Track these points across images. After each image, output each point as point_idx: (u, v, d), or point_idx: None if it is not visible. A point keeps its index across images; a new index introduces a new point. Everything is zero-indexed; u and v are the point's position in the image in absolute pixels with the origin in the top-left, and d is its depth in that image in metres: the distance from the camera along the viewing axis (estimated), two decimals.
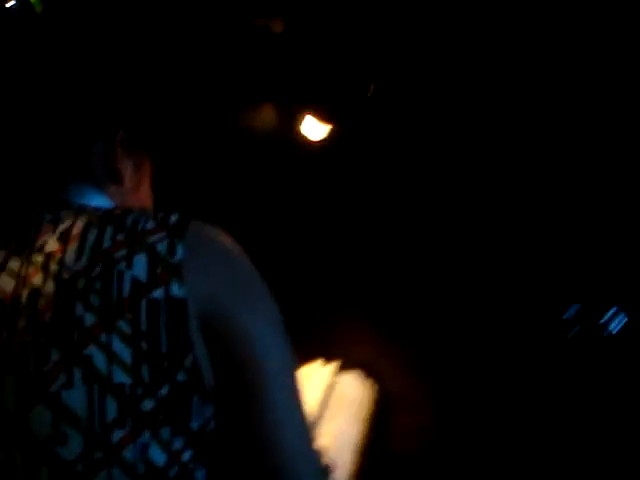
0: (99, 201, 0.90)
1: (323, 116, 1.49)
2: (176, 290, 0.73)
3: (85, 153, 0.90)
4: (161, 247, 0.75)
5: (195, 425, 0.73)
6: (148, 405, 0.70)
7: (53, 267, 0.74)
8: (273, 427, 0.76)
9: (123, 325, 0.70)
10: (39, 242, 0.77)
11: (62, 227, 0.78)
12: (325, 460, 1.31)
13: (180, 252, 0.75)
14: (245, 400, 0.76)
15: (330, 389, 1.38)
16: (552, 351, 1.32)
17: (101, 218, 0.79)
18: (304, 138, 1.52)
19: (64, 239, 0.76)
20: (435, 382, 1.38)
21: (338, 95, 1.49)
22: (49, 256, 0.75)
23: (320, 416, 1.35)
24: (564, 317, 1.30)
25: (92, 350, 0.70)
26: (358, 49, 1.48)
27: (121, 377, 0.70)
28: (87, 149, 0.91)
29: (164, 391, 0.71)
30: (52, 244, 0.76)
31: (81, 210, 0.81)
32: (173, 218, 0.79)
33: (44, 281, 0.73)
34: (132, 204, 0.97)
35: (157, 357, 0.71)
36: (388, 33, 1.44)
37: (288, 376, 0.80)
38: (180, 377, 0.71)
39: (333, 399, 1.37)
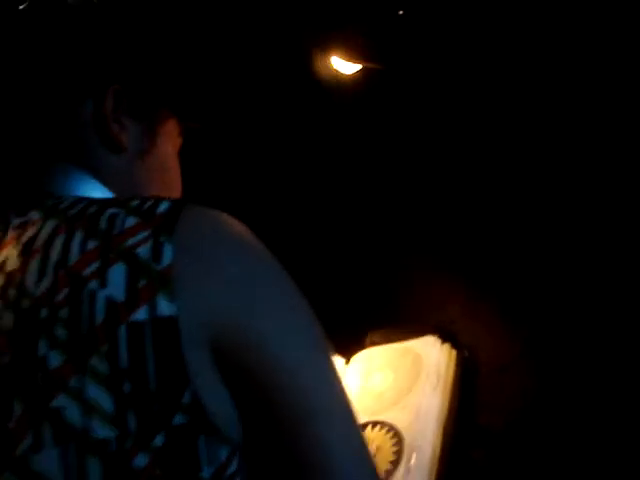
0: (86, 187, 0.72)
1: (349, 56, 1.28)
2: (164, 307, 0.57)
3: (66, 121, 0.74)
4: (143, 251, 0.58)
5: (207, 474, 0.57)
6: (141, 461, 0.54)
7: (12, 292, 0.59)
8: (317, 463, 0.59)
9: (97, 363, 0.55)
10: (1, 257, 0.62)
11: (27, 235, 0.63)
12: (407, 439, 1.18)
13: (168, 254, 0.58)
14: (278, 433, 0.59)
15: (404, 358, 1.21)
16: None
17: (71, 219, 0.62)
18: (336, 72, 1.32)
19: (27, 253, 0.61)
20: (526, 344, 1.17)
21: (362, 34, 1.28)
22: (9, 278, 0.60)
23: (395, 389, 1.19)
24: None
25: (62, 400, 0.55)
26: None
27: (102, 431, 0.54)
28: (69, 115, 0.74)
29: (159, 441, 0.55)
30: (13, 260, 0.61)
31: (54, 207, 0.65)
32: (162, 207, 0.61)
33: (2, 312, 0.59)
34: (145, 176, 0.79)
35: (145, 399, 0.55)
36: None
37: (329, 393, 0.62)
38: (178, 419, 0.56)
39: (409, 369, 1.19)
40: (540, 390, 1.11)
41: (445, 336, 1.18)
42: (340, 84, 1.34)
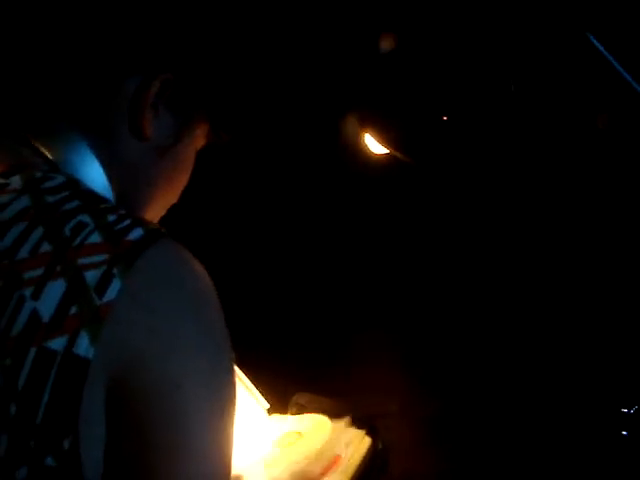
0: (86, 167, 0.66)
1: (382, 139, 1.33)
2: (83, 346, 0.52)
3: (103, 86, 0.67)
4: (91, 276, 0.53)
5: None
6: None
7: None
8: None
9: None
10: None
11: None
12: None
13: (114, 290, 0.53)
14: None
15: (319, 431, 1.16)
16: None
17: (42, 208, 0.57)
18: (367, 150, 1.38)
19: None
20: (448, 462, 1.12)
21: (402, 122, 1.34)
22: None
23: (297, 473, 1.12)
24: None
25: None
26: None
27: None
28: (109, 82, 0.67)
29: (21, 474, 0.51)
30: None
31: (36, 184, 0.59)
32: (133, 235, 0.56)
33: None
34: (155, 173, 0.73)
35: (25, 430, 0.51)
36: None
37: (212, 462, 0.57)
38: (49, 461, 0.51)
39: (320, 442, 1.13)
40: None
41: (364, 422, 1.13)
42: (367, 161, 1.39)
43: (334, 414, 1.17)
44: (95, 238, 0.55)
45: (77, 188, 0.60)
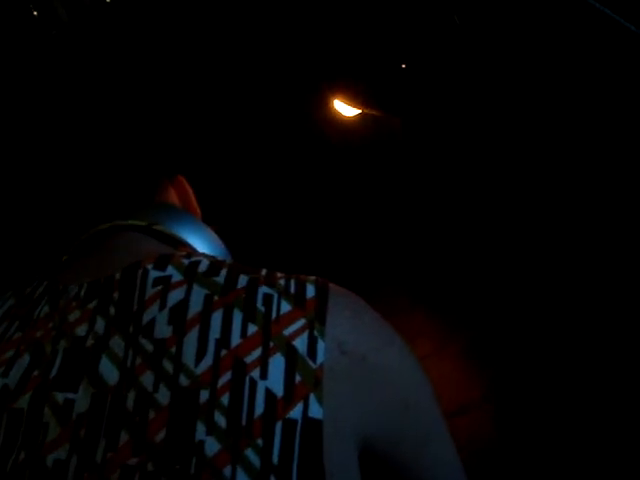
0: (204, 243, 0.72)
1: (351, 101, 1.37)
2: (315, 409, 0.56)
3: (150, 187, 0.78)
4: (300, 343, 0.57)
5: None
6: None
7: (167, 366, 0.57)
8: None
9: (251, 455, 0.54)
10: (145, 317, 0.59)
11: (172, 298, 0.60)
12: None
13: (321, 351, 0.57)
14: None
15: None
16: None
17: (223, 292, 0.60)
18: (338, 114, 1.41)
19: (177, 322, 0.58)
20: (488, 389, 1.23)
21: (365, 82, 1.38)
22: (160, 346, 0.58)
23: None
24: None
25: None
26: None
27: None
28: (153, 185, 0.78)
29: None
30: (162, 326, 0.58)
31: (193, 270, 0.62)
32: (310, 292, 0.60)
33: (155, 385, 0.56)
34: None
35: None
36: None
37: None
38: None
39: None
40: (499, 435, 1.16)
41: None
42: (340, 125, 1.43)
43: None
44: (285, 307, 0.59)
45: (224, 264, 0.64)
